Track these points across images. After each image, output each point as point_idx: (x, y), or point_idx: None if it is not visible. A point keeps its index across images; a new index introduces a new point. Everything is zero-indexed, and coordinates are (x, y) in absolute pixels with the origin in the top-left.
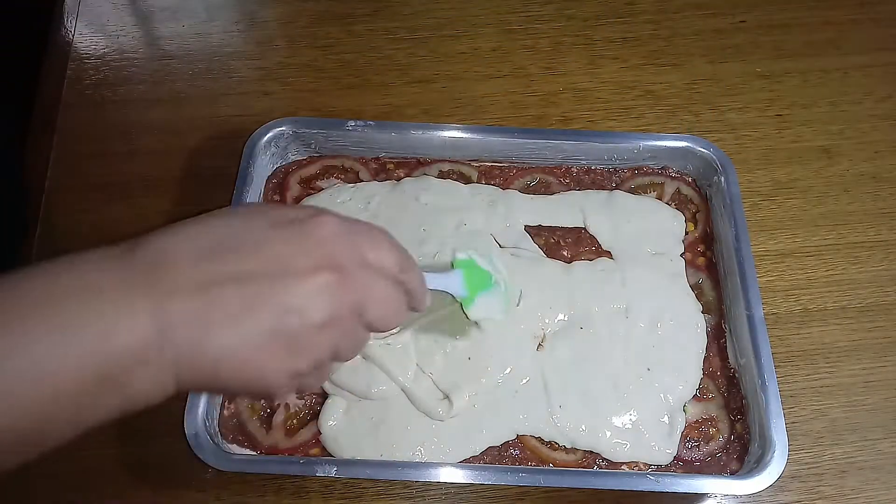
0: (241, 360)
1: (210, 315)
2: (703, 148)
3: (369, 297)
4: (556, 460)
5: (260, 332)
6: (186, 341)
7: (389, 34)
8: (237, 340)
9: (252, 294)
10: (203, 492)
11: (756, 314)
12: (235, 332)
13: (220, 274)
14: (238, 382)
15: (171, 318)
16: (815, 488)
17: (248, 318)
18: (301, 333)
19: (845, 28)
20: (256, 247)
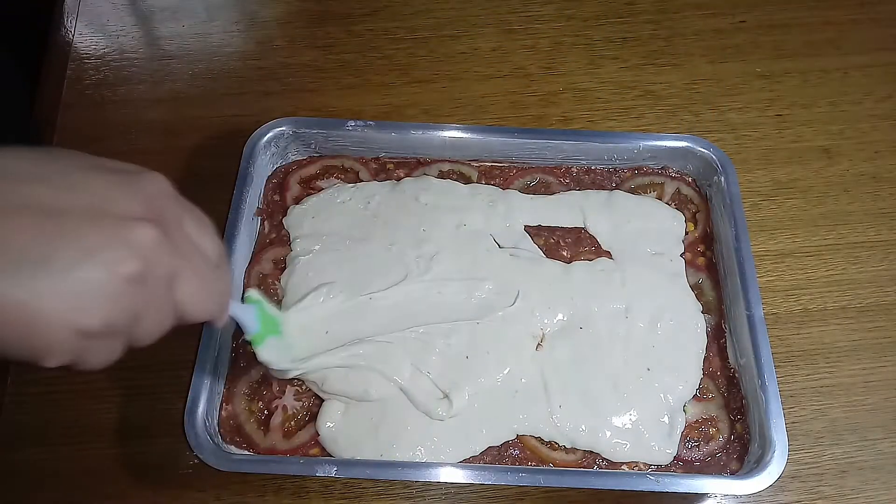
0: (15, 303)
1: (18, 249)
2: (703, 148)
3: (188, 271)
4: (556, 460)
5: (50, 272)
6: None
7: (389, 34)
8: (16, 279)
9: (53, 228)
10: (203, 492)
11: (756, 314)
12: (18, 269)
13: (16, 200)
14: (4, 333)
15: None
16: (815, 488)
17: (39, 254)
18: (103, 284)
19: (845, 28)
20: (73, 182)
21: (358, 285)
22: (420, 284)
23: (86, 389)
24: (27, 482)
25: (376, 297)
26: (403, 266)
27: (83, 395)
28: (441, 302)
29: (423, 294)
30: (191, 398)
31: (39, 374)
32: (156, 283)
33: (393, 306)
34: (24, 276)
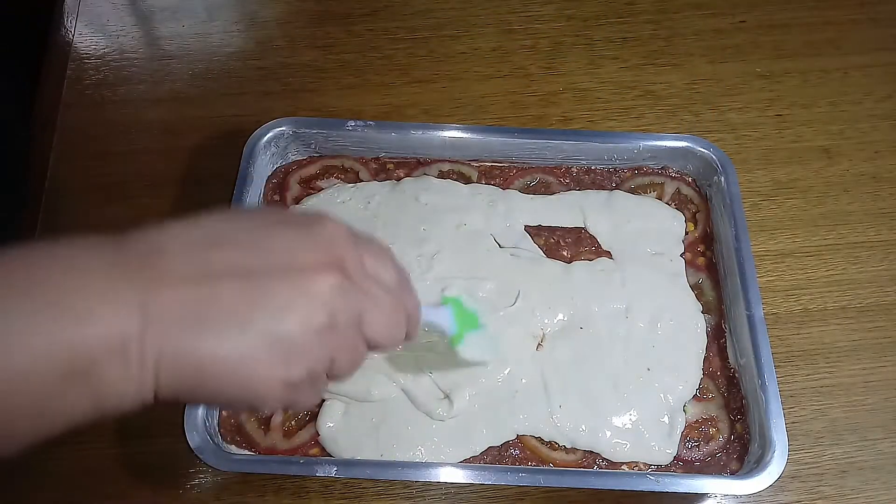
0: (233, 363)
1: (202, 310)
2: (702, 148)
3: (372, 306)
4: (556, 460)
5: (255, 333)
6: (172, 338)
7: (389, 34)
8: (230, 342)
9: (251, 289)
10: (203, 492)
11: (756, 314)
12: (229, 331)
13: (216, 266)
14: (225, 389)
15: (159, 311)
16: (816, 488)
17: (244, 317)
18: (299, 338)
19: (845, 28)
20: (258, 241)
21: None
22: (423, 284)
23: None
24: (27, 482)
25: None
26: (405, 266)
27: None
28: None
29: (427, 293)
30: None
31: None
32: (345, 326)
33: None
34: (236, 338)
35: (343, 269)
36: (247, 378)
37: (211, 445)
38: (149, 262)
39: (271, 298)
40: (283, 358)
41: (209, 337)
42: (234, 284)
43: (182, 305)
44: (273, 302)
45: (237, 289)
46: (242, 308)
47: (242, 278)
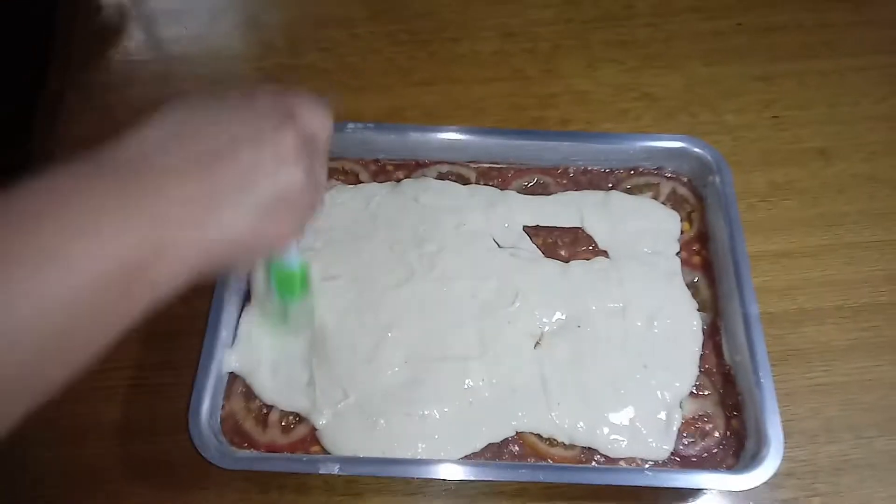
0: (248, 235)
1: (205, 201)
2: (698, 148)
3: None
4: (555, 456)
5: (255, 204)
6: (189, 231)
7: (390, 37)
8: (240, 220)
9: (235, 169)
10: (205, 489)
11: (751, 311)
12: (235, 212)
13: (201, 157)
14: (247, 254)
15: (168, 212)
16: (811, 486)
17: (242, 194)
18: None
19: (841, 30)
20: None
21: (363, 281)
22: (425, 283)
23: (87, 389)
24: (27, 482)
25: (388, 293)
26: (406, 265)
27: (84, 395)
28: (448, 300)
29: (432, 292)
30: (195, 397)
31: None
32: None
33: (402, 303)
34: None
35: (291, 115)
36: (262, 240)
37: (215, 443)
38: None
39: (256, 171)
40: (282, 214)
41: (224, 223)
42: (222, 169)
43: (187, 201)
44: (258, 172)
45: (226, 172)
46: (237, 185)
47: (226, 161)
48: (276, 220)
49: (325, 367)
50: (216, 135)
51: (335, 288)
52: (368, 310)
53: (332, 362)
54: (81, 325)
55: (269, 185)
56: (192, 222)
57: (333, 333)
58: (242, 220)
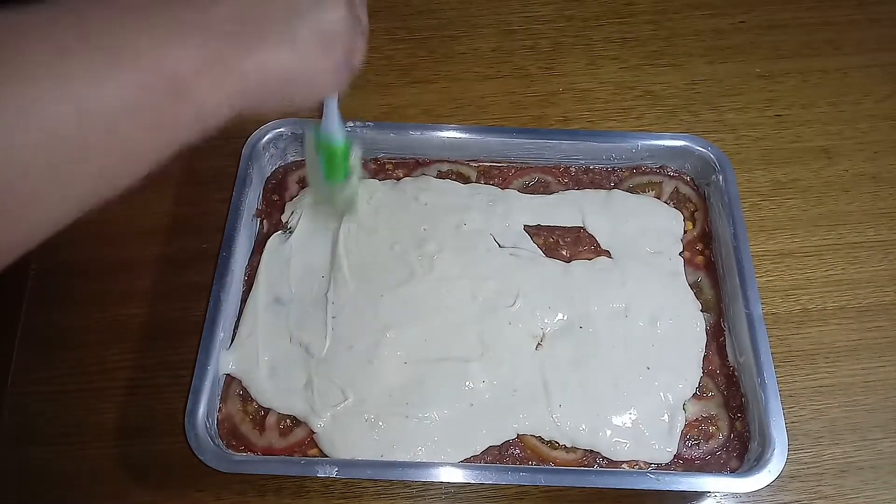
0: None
1: (255, 29)
2: (700, 147)
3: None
4: (557, 459)
5: (304, 34)
6: (242, 57)
7: (390, 35)
8: (287, 47)
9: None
10: (203, 491)
11: (755, 312)
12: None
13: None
14: (292, 88)
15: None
16: (815, 488)
17: (291, 25)
18: (334, 26)
19: (844, 28)
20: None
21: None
22: (425, 284)
23: (86, 389)
24: (27, 482)
25: (388, 293)
26: (407, 265)
27: (84, 395)
28: (448, 301)
29: (431, 292)
30: (191, 399)
31: (40, 374)
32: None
33: (402, 304)
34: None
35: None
36: (307, 71)
37: (212, 446)
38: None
39: (301, 3)
40: (327, 47)
41: (270, 49)
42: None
43: (234, 25)
44: (304, 4)
45: (272, 4)
46: (282, 17)
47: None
48: (319, 55)
49: (323, 367)
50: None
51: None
52: (368, 309)
53: (331, 363)
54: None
55: (313, 17)
56: (236, 47)
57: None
58: (285, 51)
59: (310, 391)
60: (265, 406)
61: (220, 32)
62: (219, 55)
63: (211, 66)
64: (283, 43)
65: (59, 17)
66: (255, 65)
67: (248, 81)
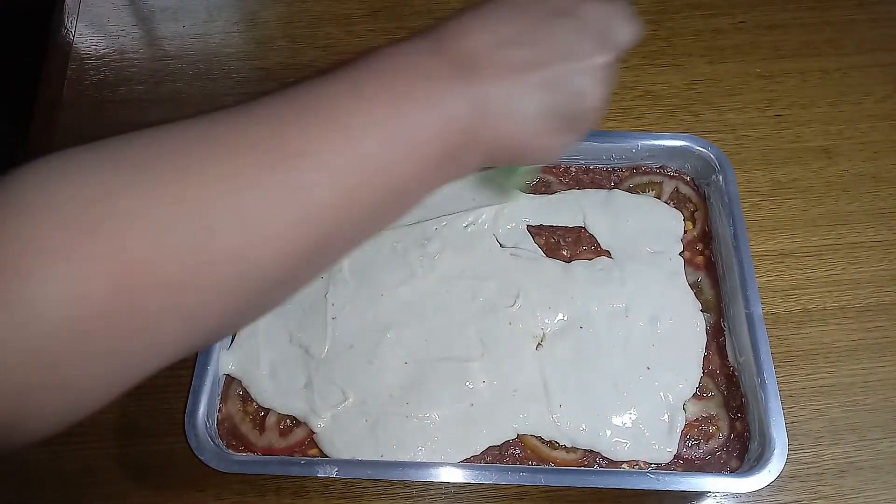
0: (536, 143)
1: (513, 103)
2: (700, 147)
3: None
4: (557, 459)
5: (555, 119)
6: (494, 127)
7: (389, 35)
8: (534, 127)
9: (547, 83)
10: (203, 491)
11: (755, 312)
12: (533, 119)
13: (518, 64)
14: (524, 158)
15: (484, 107)
16: (815, 488)
17: (545, 106)
18: (584, 116)
19: (844, 28)
20: (546, 35)
21: (363, 280)
22: (426, 284)
23: None
24: (27, 482)
25: (388, 293)
26: (407, 265)
27: None
28: (448, 301)
29: (432, 292)
30: (191, 399)
31: None
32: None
33: (402, 303)
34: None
35: (611, 52)
36: (547, 149)
37: (212, 446)
38: (469, 65)
39: (566, 87)
40: (575, 129)
41: (519, 125)
42: (535, 79)
43: (497, 100)
44: (568, 90)
45: (540, 83)
46: (540, 98)
47: (533, 72)
48: (559, 136)
49: (323, 367)
50: (535, 46)
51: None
52: (368, 309)
53: (331, 363)
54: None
55: (568, 104)
56: (501, 114)
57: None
58: (535, 126)
59: (310, 391)
60: (265, 406)
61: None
62: (484, 123)
63: (476, 132)
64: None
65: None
66: (506, 136)
67: (495, 147)
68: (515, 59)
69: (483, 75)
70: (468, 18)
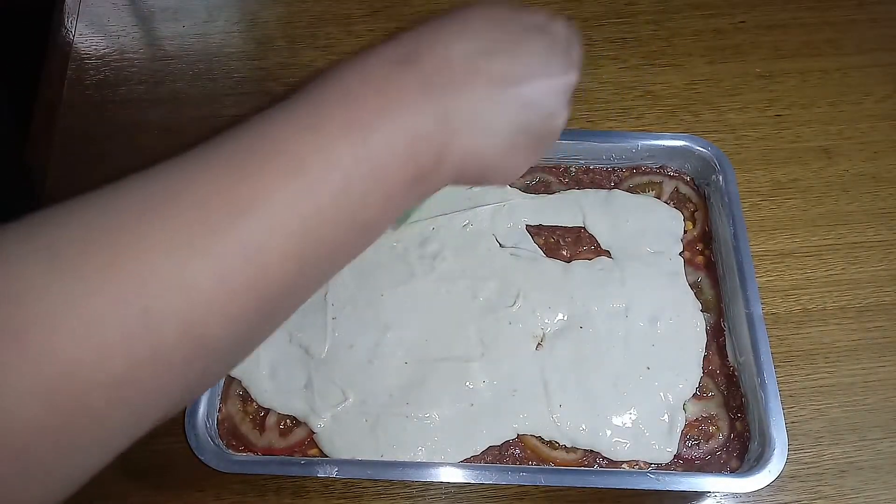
0: (504, 160)
1: (484, 116)
2: (700, 147)
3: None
4: (557, 459)
5: (526, 135)
6: (465, 142)
7: (389, 35)
8: (504, 142)
9: (519, 98)
10: (203, 491)
11: (755, 312)
12: (504, 135)
13: (493, 77)
14: (493, 175)
15: (456, 119)
16: (815, 488)
17: (517, 122)
18: (554, 135)
19: (844, 28)
20: (519, 49)
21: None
22: (426, 284)
23: None
24: None
25: (388, 292)
26: (407, 265)
27: None
28: (448, 301)
29: (432, 292)
30: None
31: None
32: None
33: (402, 303)
34: (510, 139)
35: (576, 73)
36: (513, 168)
37: (212, 446)
38: (442, 74)
39: (536, 104)
40: (540, 149)
41: (490, 140)
42: (507, 94)
43: (470, 113)
44: (537, 107)
45: (510, 98)
46: (515, 114)
47: (511, 87)
48: (525, 155)
49: (323, 367)
50: (514, 58)
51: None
52: (368, 309)
53: (331, 363)
54: (369, 221)
55: (539, 122)
56: (473, 128)
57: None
58: (505, 143)
59: (310, 391)
60: (265, 406)
61: (460, 117)
62: (456, 138)
63: (446, 148)
64: (504, 138)
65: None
66: (475, 152)
67: (463, 164)
68: (493, 71)
69: (457, 86)
70: (442, 26)
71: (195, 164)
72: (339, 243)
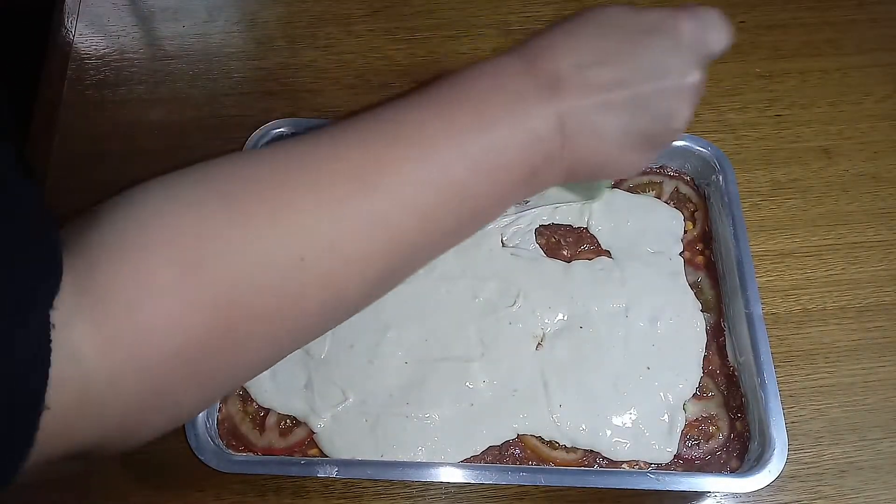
0: (616, 163)
1: (598, 122)
2: (700, 147)
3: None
4: (556, 459)
5: (638, 140)
6: (577, 146)
7: (389, 35)
8: (618, 146)
9: (634, 103)
10: (203, 492)
11: (755, 312)
12: (617, 139)
13: (605, 83)
14: (602, 175)
15: (569, 125)
16: (815, 488)
17: (628, 126)
18: (667, 139)
19: (844, 28)
20: (633, 55)
21: None
22: (426, 284)
23: None
24: (27, 482)
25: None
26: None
27: None
28: (448, 301)
29: (432, 292)
30: None
31: None
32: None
33: (402, 303)
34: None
35: (700, 73)
36: (628, 166)
37: (212, 446)
38: (555, 85)
39: (651, 108)
40: (657, 148)
41: (601, 145)
42: (621, 98)
43: (581, 121)
44: (653, 110)
45: (624, 103)
46: (627, 119)
47: (621, 94)
48: (641, 153)
49: (323, 367)
50: (623, 65)
51: None
52: (368, 309)
53: (331, 363)
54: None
55: (654, 124)
56: (584, 132)
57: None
58: (617, 144)
59: (310, 391)
60: (265, 406)
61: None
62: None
63: (557, 151)
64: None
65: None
66: (587, 154)
67: (573, 164)
68: (601, 79)
69: (568, 94)
70: (556, 35)
71: (339, 144)
72: (452, 228)
